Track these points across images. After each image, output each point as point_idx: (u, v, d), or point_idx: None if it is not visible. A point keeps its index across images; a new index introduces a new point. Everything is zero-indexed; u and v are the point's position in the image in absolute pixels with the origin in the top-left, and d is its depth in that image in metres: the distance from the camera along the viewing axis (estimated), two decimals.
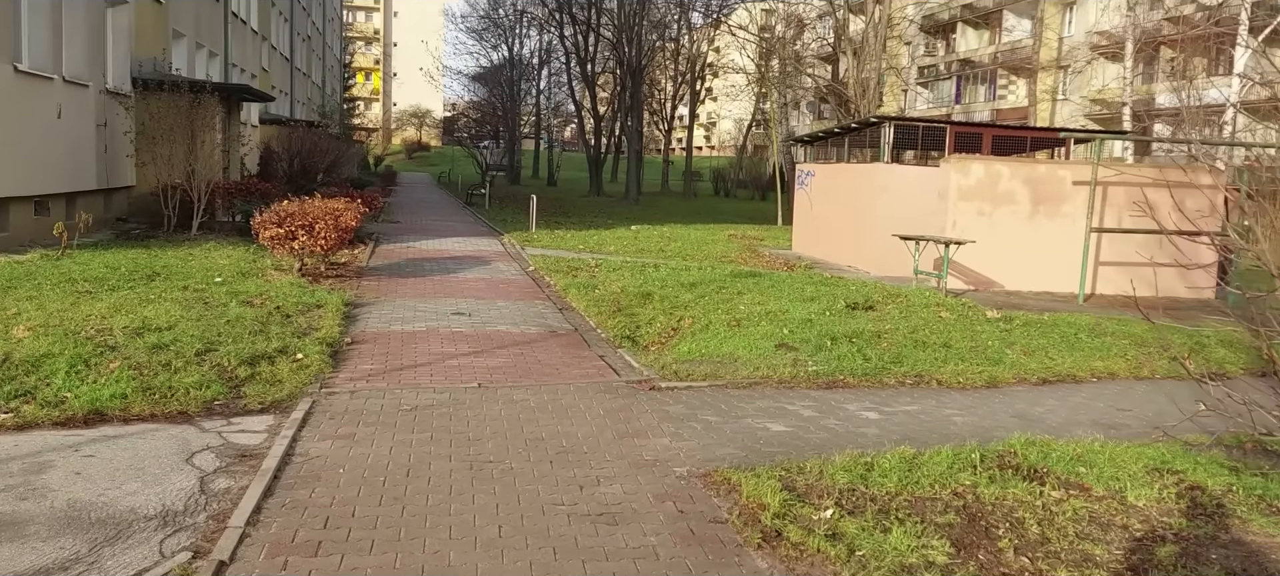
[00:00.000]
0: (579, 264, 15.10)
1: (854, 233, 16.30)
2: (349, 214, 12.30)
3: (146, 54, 18.63)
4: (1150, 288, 14.34)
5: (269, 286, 10.79)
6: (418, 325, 9.78)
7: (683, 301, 11.12)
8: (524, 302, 11.60)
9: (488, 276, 13.87)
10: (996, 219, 13.80)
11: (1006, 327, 10.20)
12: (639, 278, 13.10)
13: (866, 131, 16.73)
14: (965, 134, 15.70)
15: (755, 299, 11.23)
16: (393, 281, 12.74)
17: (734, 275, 13.47)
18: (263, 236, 11.53)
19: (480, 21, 61.51)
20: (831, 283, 12.77)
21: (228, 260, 12.66)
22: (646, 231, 23.01)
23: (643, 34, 45.23)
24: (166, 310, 8.81)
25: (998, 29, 50.66)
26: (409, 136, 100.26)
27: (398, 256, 15.86)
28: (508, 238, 19.94)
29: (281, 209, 11.70)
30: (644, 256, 17.01)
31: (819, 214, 17.99)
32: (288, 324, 8.98)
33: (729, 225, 28.40)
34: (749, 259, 17.20)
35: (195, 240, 14.98)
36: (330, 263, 13.25)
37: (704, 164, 70.42)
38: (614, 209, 36.18)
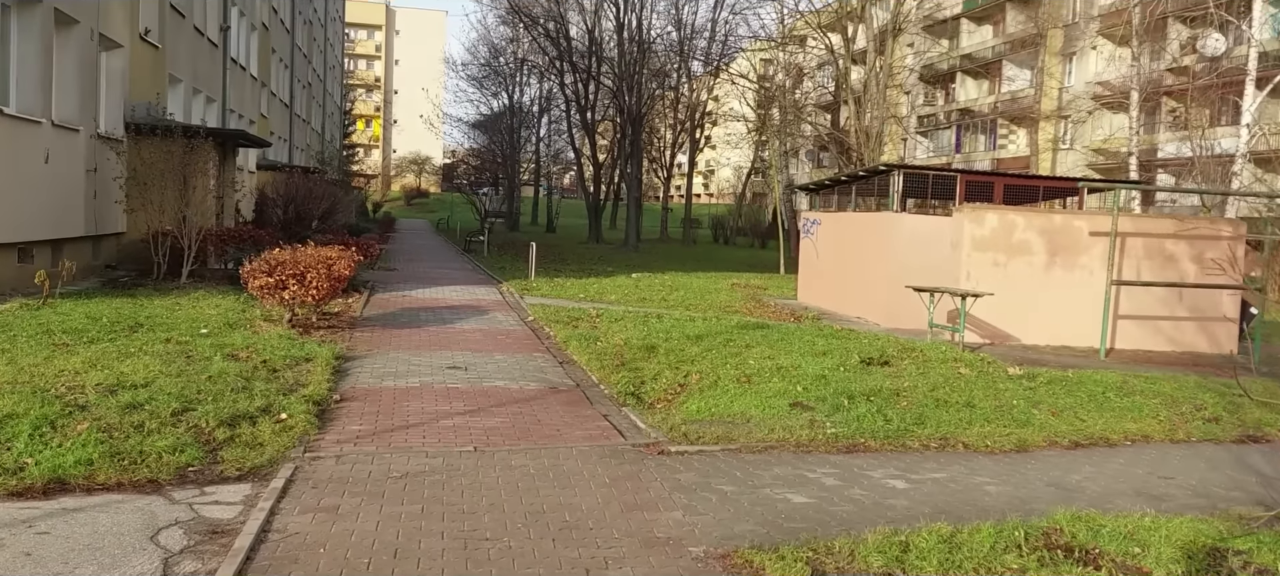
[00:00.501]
0: (579, 314, 14.64)
1: (862, 283, 15.87)
2: (342, 262, 11.86)
3: (142, 99, 18.33)
4: (1170, 342, 13.91)
5: (257, 338, 10.31)
6: (411, 380, 9.29)
7: (689, 355, 10.65)
8: (523, 356, 11.12)
9: (485, 327, 13.39)
10: (1011, 270, 13.38)
11: (1030, 386, 9.72)
12: (642, 329, 12.63)
13: (874, 180, 16.39)
14: (976, 182, 15.35)
15: (765, 352, 10.76)
16: (387, 332, 12.27)
17: (741, 326, 13.01)
18: (252, 285, 11.08)
19: (481, 70, 61.74)
20: (843, 335, 12.30)
21: (216, 310, 12.20)
22: (648, 280, 22.59)
23: (643, 82, 45.26)
24: (145, 365, 8.32)
25: (997, 79, 50.72)
26: (408, 183, 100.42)
27: (393, 306, 15.40)
28: (506, 286, 19.50)
29: (272, 257, 11.26)
30: (646, 306, 16.56)
31: (825, 263, 17.58)
32: (274, 379, 8.49)
33: (730, 273, 28.02)
34: (754, 309, 16.74)
35: (184, 288, 14.53)
36: (323, 313, 12.79)
37: (703, 211, 70.32)
38: (614, 256, 35.83)
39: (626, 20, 44.47)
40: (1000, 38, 49.58)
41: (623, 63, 44.55)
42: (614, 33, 45.62)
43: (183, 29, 21.47)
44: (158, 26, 19.39)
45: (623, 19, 44.47)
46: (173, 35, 20.52)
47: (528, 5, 48.80)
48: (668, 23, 47.97)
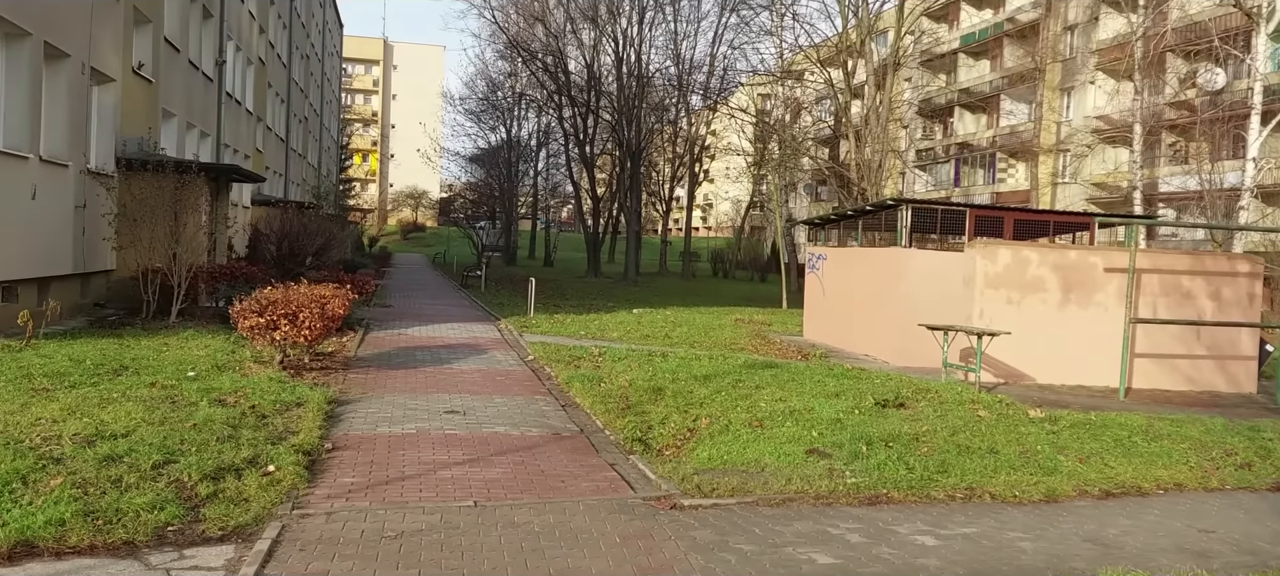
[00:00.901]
0: (581, 352, 14.24)
1: (870, 320, 15.50)
2: (336, 301, 11.47)
3: (134, 133, 18.01)
4: (1188, 381, 13.53)
5: (246, 382, 9.89)
6: (407, 426, 8.87)
7: (697, 397, 10.25)
8: (523, 398, 10.70)
9: (484, 367, 12.98)
10: (1025, 308, 13.02)
11: (1053, 429, 9.32)
12: (647, 369, 12.23)
13: (882, 214, 16.08)
14: (985, 217, 15.04)
15: (776, 394, 10.36)
16: (382, 374, 11.85)
17: (748, 366, 12.62)
18: (242, 326, 10.68)
19: (479, 104, 61.74)
20: (855, 375, 11.91)
21: (205, 351, 11.78)
22: (649, 315, 22.21)
23: (642, 116, 45.17)
24: (127, 412, 7.91)
25: (995, 113, 50.74)
26: (405, 217, 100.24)
27: (388, 344, 14.99)
28: (505, 323, 19.10)
29: (263, 296, 10.87)
30: (649, 343, 16.16)
31: (832, 299, 17.21)
32: (262, 427, 8.08)
33: (732, 308, 27.65)
34: (760, 346, 16.36)
35: (173, 328, 14.12)
36: (316, 353, 12.38)
37: (701, 245, 70.10)
38: (613, 291, 35.47)
39: (626, 54, 44.47)
40: (998, 72, 49.65)
41: (622, 97, 44.47)
42: (613, 67, 45.60)
43: (177, 63, 21.22)
44: (152, 61, 19.12)
45: (622, 54, 44.46)
46: (167, 69, 20.26)
47: (526, 40, 48.85)
48: (666, 58, 47.85)
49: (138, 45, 18.64)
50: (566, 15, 47.21)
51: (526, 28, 49.59)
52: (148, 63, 18.97)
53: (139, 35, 18.68)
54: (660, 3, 45.99)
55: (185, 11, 21.73)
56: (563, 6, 47.24)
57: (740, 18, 44.41)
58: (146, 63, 18.92)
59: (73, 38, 14.57)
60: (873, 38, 36.04)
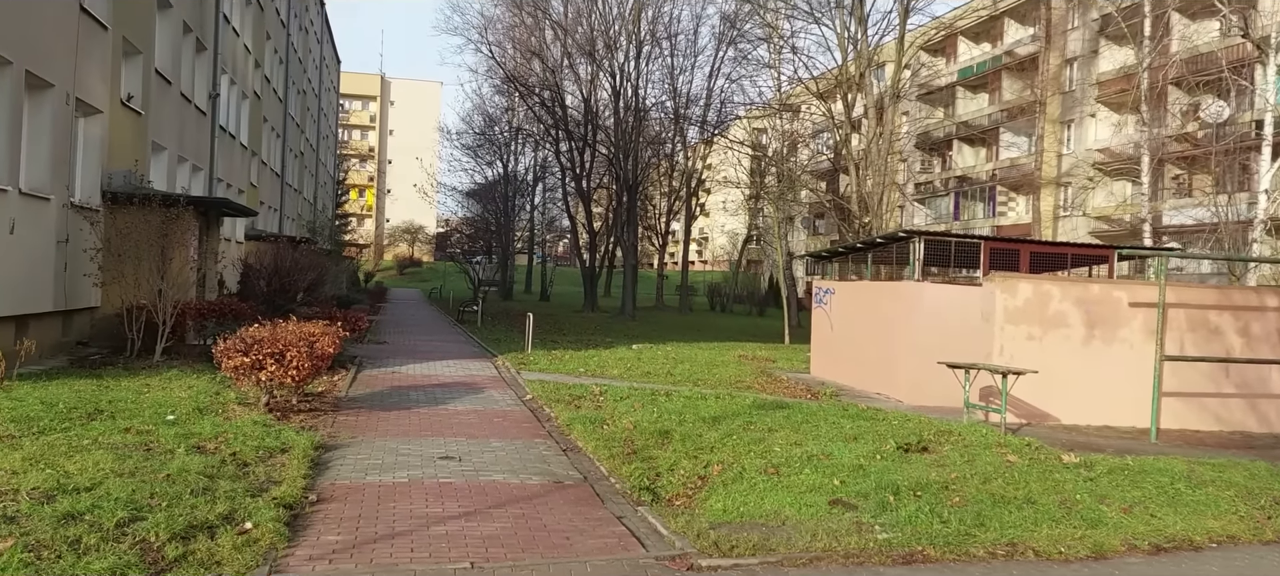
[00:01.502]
0: (582, 391, 13.64)
1: (882, 357, 14.94)
2: (326, 339, 10.89)
3: (123, 166, 17.48)
4: (1217, 421, 12.97)
5: (228, 426, 9.29)
6: (399, 474, 8.26)
7: (707, 442, 9.65)
8: (522, 442, 10.10)
9: (480, 408, 12.38)
10: (1048, 344, 12.48)
11: (1090, 476, 8.73)
12: (652, 410, 11.64)
13: (892, 247, 15.57)
14: (1001, 250, 14.54)
15: (790, 438, 9.78)
16: (373, 416, 11.25)
17: (758, 406, 12.03)
18: (226, 366, 10.09)
19: (475, 139, 61.48)
20: (871, 416, 11.33)
21: (187, 392, 11.18)
22: (650, 351, 21.63)
23: (639, 150, 44.88)
24: (95, 462, 7.30)
25: (995, 146, 50.54)
26: (401, 252, 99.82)
27: (381, 383, 14.38)
28: (502, 360, 18.50)
29: (248, 334, 10.29)
30: (651, 381, 15.57)
31: (841, 335, 16.66)
32: (242, 477, 7.48)
33: (733, 344, 27.08)
34: (767, 385, 15.77)
35: (157, 368, 13.52)
36: (304, 393, 11.78)
37: (697, 278, 69.60)
38: (611, 326, 34.88)
39: (623, 88, 44.25)
40: (997, 105, 49.52)
41: (619, 131, 44.19)
42: (610, 101, 45.37)
43: (168, 95, 20.77)
44: (142, 92, 18.65)
45: (619, 88, 44.25)
46: (158, 102, 19.80)
47: (523, 75, 48.65)
48: (664, 93, 47.64)
49: (127, 76, 18.19)
50: (563, 50, 47.07)
51: (523, 62, 49.46)
52: (137, 94, 18.50)
53: (128, 66, 18.23)
54: (657, 37, 45.92)
55: (177, 44, 21.31)
56: (560, 42, 47.11)
57: (738, 51, 44.31)
58: (136, 94, 18.45)
59: (56, 67, 14.09)
60: (872, 70, 35.83)
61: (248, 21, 30.50)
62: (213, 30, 24.89)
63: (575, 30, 46.27)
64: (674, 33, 46.71)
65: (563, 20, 46.74)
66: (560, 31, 46.75)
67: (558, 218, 74.10)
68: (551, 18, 46.98)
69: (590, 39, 45.11)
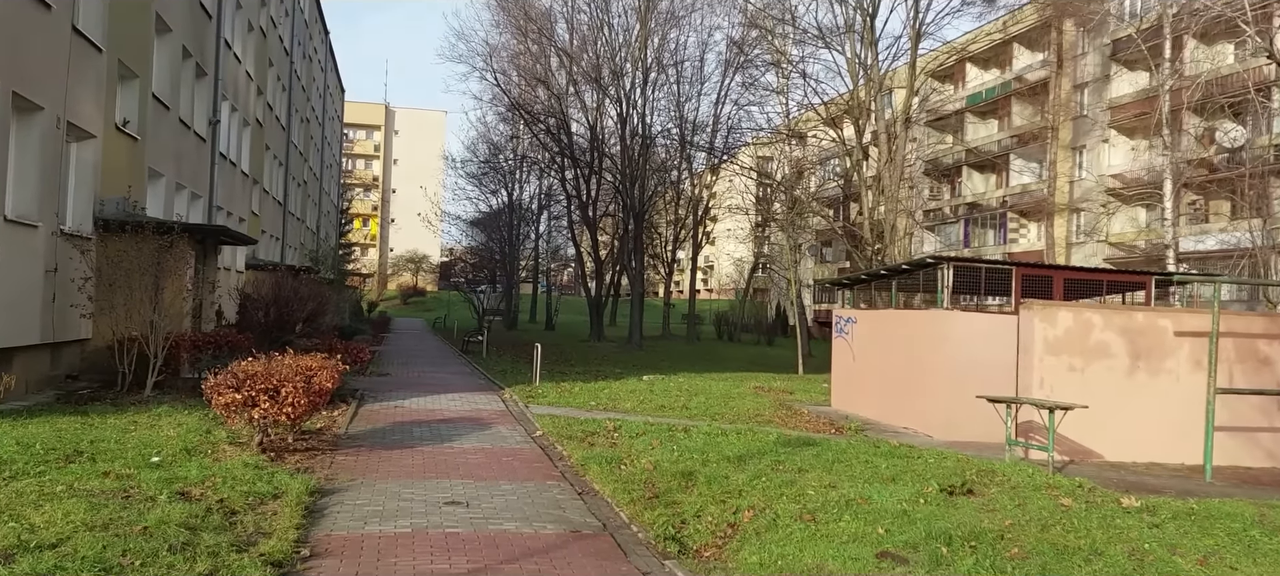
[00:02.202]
0: (594, 427, 12.93)
1: (909, 389, 14.23)
2: (324, 374, 10.21)
3: (118, 193, 16.90)
4: (1270, 457, 12.23)
5: (217, 469, 8.60)
6: (401, 522, 7.56)
7: (735, 484, 8.94)
8: (534, 485, 9.38)
9: (488, 446, 11.66)
10: (1090, 376, 11.76)
11: (1154, 521, 8.01)
12: (671, 447, 10.93)
13: (919, 273, 14.90)
14: (1033, 277, 13.88)
15: (823, 478, 9.07)
16: (374, 455, 10.54)
17: (784, 443, 11.32)
18: (216, 402, 9.41)
19: (480, 167, 61.09)
20: (905, 455, 10.61)
21: (177, 431, 10.50)
22: (662, 383, 20.91)
23: (646, 176, 44.40)
24: (66, 513, 6.62)
25: (1005, 173, 49.98)
26: (405, 281, 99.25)
27: (383, 419, 13.68)
28: (509, 392, 17.80)
29: (240, 369, 9.62)
30: (667, 415, 14.86)
31: (863, 366, 15.95)
32: (229, 527, 6.79)
33: (746, 374, 26.37)
34: (788, 419, 15.04)
35: (147, 403, 12.84)
36: (301, 431, 11.08)
37: (703, 307, 68.93)
38: (619, 356, 34.19)
39: (629, 115, 43.83)
40: (1006, 132, 49.02)
41: (625, 158, 43.71)
42: (616, 128, 44.95)
43: (166, 121, 20.24)
44: (138, 117, 18.12)
45: (625, 114, 43.83)
46: (155, 127, 19.26)
47: (528, 103, 48.27)
48: (670, 120, 47.18)
49: (123, 101, 17.67)
50: (569, 77, 46.71)
51: (528, 90, 49.08)
52: (134, 119, 17.97)
53: (124, 90, 17.72)
54: (663, 64, 45.54)
55: (176, 68, 20.81)
56: (566, 69, 46.77)
57: (746, 77, 43.90)
58: (132, 119, 17.93)
59: (46, 89, 13.53)
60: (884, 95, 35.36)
61: (250, 48, 30.08)
62: (214, 55, 24.43)
63: (581, 58, 45.94)
64: (680, 60, 46.41)
65: (568, 47, 46.42)
66: (566, 59, 46.42)
67: (563, 246, 73.62)
68: (557, 45, 46.67)
69: (596, 66, 44.76)
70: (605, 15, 44.58)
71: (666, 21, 45.04)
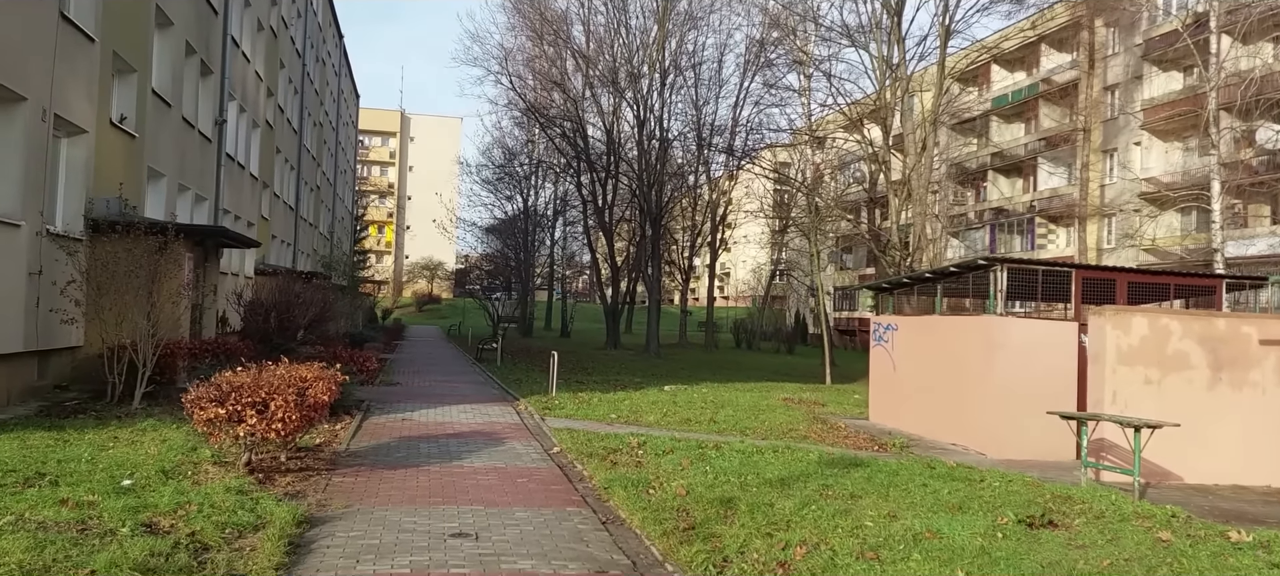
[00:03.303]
0: (617, 442, 11.89)
1: (957, 402, 13.11)
2: (320, 385, 9.21)
3: (114, 192, 16.00)
4: None
5: (195, 494, 7.60)
6: (398, 561, 6.54)
7: (781, 513, 7.86)
8: (553, 512, 8.34)
9: (501, 464, 10.63)
10: (1167, 389, 10.64)
11: (1272, 560, 6.89)
12: (704, 469, 9.87)
13: (968, 277, 13.77)
14: (1094, 280, 12.75)
15: (880, 506, 7.99)
16: (376, 476, 9.53)
17: (827, 464, 10.24)
18: (197, 418, 8.41)
19: (495, 173, 60.24)
20: (967, 478, 9.51)
21: (158, 448, 9.53)
22: (685, 393, 19.84)
23: (664, 180, 43.41)
24: (3, 551, 5.63)
25: (1032, 177, 48.71)
26: (420, 288, 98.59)
27: (389, 433, 12.68)
28: (524, 404, 16.78)
29: (226, 380, 8.63)
30: (693, 429, 13.80)
31: (905, 376, 14.84)
32: (197, 569, 5.79)
33: (770, 384, 25.28)
34: (825, 433, 13.94)
35: (134, 416, 11.90)
36: (296, 448, 10.10)
37: (720, 315, 67.75)
38: (637, 364, 33.14)
39: (646, 117, 42.87)
40: (1034, 134, 47.78)
41: (642, 161, 42.73)
42: (633, 131, 44.01)
43: (168, 119, 19.37)
44: (135, 113, 17.25)
45: (643, 117, 42.86)
46: (155, 125, 18.39)
47: (544, 106, 47.37)
48: (688, 124, 46.13)
49: (119, 96, 16.80)
50: (586, 80, 45.78)
51: (544, 93, 48.18)
52: (131, 116, 17.09)
53: (121, 85, 16.85)
54: (681, 67, 44.54)
55: (178, 64, 19.95)
56: (582, 72, 45.84)
57: (766, 78, 42.88)
58: (129, 116, 17.05)
59: (30, 79, 12.63)
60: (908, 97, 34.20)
61: (260, 47, 29.28)
62: (220, 53, 23.59)
63: (597, 61, 45.01)
64: (698, 62, 45.41)
65: (584, 50, 45.49)
66: (582, 62, 45.49)
67: (578, 253, 72.72)
68: (573, 48, 45.75)
69: (613, 69, 43.82)
70: (623, 16, 43.69)
71: (685, 23, 44.07)
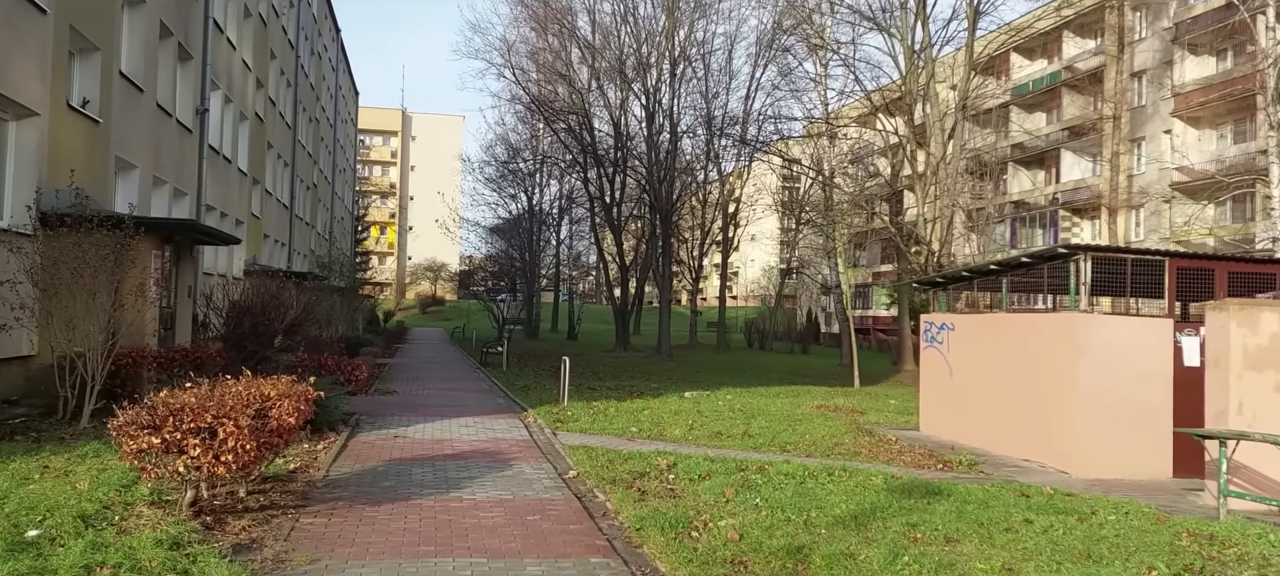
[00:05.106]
0: (642, 464, 10.20)
1: (1034, 412, 11.39)
2: (286, 404, 7.52)
3: (76, 182, 14.31)
4: None
5: (115, 551, 5.91)
6: None
7: (866, 565, 6.15)
8: (572, 564, 6.63)
9: (509, 495, 8.92)
10: None
11: None
12: (753, 501, 8.16)
13: (1042, 267, 12.03)
14: (1189, 270, 11.06)
15: (990, 556, 6.28)
16: (354, 515, 7.84)
17: (897, 491, 8.53)
18: (125, 449, 6.73)
19: (499, 170, 58.56)
20: (1076, 510, 7.79)
21: (89, 483, 7.84)
22: (707, 400, 18.15)
23: (674, 175, 41.73)
24: None
25: (1054, 168, 46.98)
26: (423, 291, 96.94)
27: (378, 454, 10.98)
28: (533, 415, 15.09)
29: (164, 401, 6.95)
30: (726, 444, 12.11)
31: (963, 382, 13.13)
32: None
33: (793, 387, 23.59)
34: (875, 448, 12.22)
35: (80, 438, 10.23)
36: (262, 478, 8.41)
37: (729, 314, 66.06)
38: (650, 367, 31.47)
39: (655, 110, 41.20)
40: (1056, 124, 46.05)
41: (651, 154, 41.05)
42: (642, 123, 42.33)
43: (139, 105, 17.68)
44: (100, 97, 15.57)
45: (652, 108, 41.19)
46: (123, 111, 16.71)
47: (549, 99, 45.70)
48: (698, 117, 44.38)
49: (81, 77, 15.15)
50: (592, 72, 44.09)
51: (548, 86, 46.49)
52: (94, 100, 15.42)
53: (83, 64, 15.20)
54: (690, 57, 42.84)
55: (151, 45, 18.28)
56: (587, 64, 44.15)
57: (782, 66, 41.22)
58: (93, 99, 15.38)
59: None
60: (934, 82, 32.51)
61: (248, 34, 27.61)
62: (201, 37, 21.90)
63: (604, 51, 43.34)
64: (708, 52, 43.72)
65: (590, 40, 43.79)
66: (588, 53, 43.80)
67: (585, 252, 71.11)
68: (579, 39, 44.04)
69: (620, 60, 42.16)
70: (630, 5, 41.99)
71: (694, 11, 42.37)
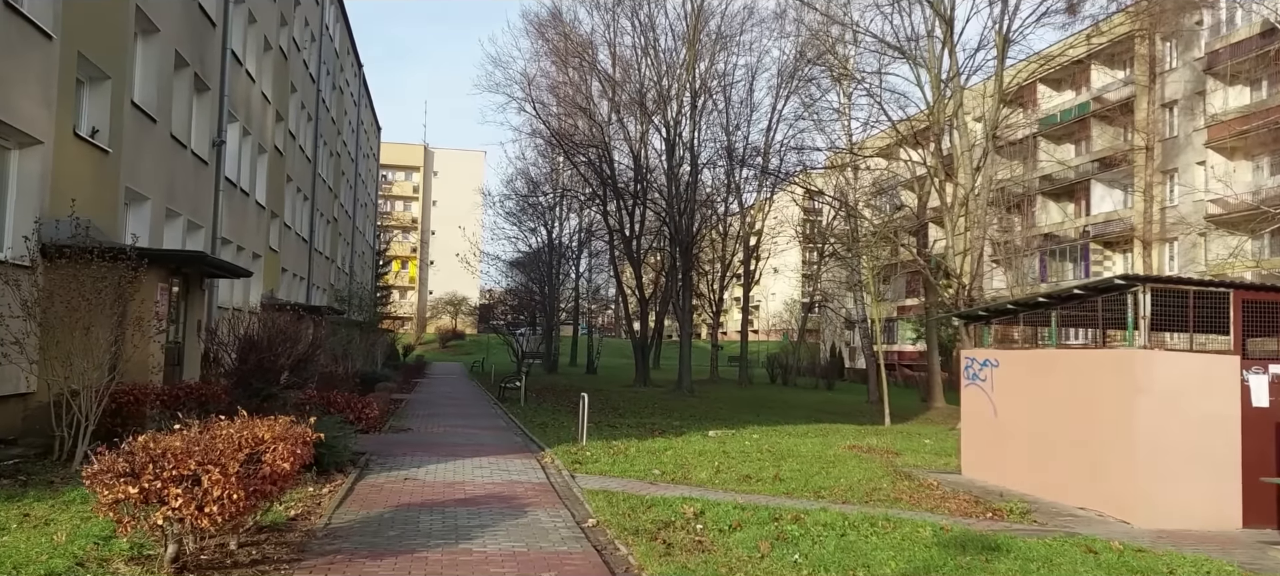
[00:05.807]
0: (668, 512, 9.48)
1: (1090, 456, 10.59)
2: (282, 447, 6.89)
3: (84, 214, 13.86)
4: None
5: None
6: None
7: None
8: None
9: (523, 549, 8.20)
10: None
11: None
12: (792, 556, 7.42)
13: (1096, 299, 11.22)
14: (1258, 303, 10.27)
15: None
16: (355, 568, 7.17)
17: (950, 545, 7.75)
18: (101, 499, 6.12)
19: (519, 204, 58.30)
20: (1150, 570, 7.01)
21: (67, 534, 7.23)
22: (733, 440, 17.38)
23: (695, 208, 41.18)
24: None
25: (1084, 200, 46.06)
26: (444, 325, 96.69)
27: (385, 500, 10.31)
28: (550, 455, 14.39)
29: (144, 446, 6.34)
30: (757, 489, 11.36)
31: (1009, 423, 12.33)
32: None
33: (824, 427, 22.77)
34: (916, 494, 11.41)
35: (71, 481, 9.64)
36: (256, 528, 7.77)
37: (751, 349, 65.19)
38: (671, 403, 30.71)
39: (675, 141, 40.76)
40: (1086, 156, 45.20)
41: (671, 187, 40.56)
42: (662, 155, 41.90)
43: (152, 136, 17.31)
44: (109, 127, 15.19)
45: (672, 140, 40.75)
46: (135, 141, 16.34)
47: (569, 132, 45.40)
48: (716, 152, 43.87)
49: (90, 105, 14.80)
50: (612, 105, 43.78)
51: (568, 119, 46.21)
52: (104, 129, 15.04)
53: (92, 93, 14.85)
54: (711, 90, 42.45)
55: (165, 76, 17.95)
56: (608, 97, 43.86)
57: (805, 97, 40.74)
58: (102, 129, 15.00)
59: None
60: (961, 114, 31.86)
61: (267, 67, 27.41)
62: (218, 69, 21.63)
63: (624, 84, 43.04)
64: (729, 84, 43.34)
65: (611, 73, 43.50)
66: (608, 86, 43.52)
67: (604, 286, 70.55)
68: (599, 72, 43.77)
69: (640, 93, 41.82)
70: (651, 38, 41.71)
71: (715, 43, 42.02)
